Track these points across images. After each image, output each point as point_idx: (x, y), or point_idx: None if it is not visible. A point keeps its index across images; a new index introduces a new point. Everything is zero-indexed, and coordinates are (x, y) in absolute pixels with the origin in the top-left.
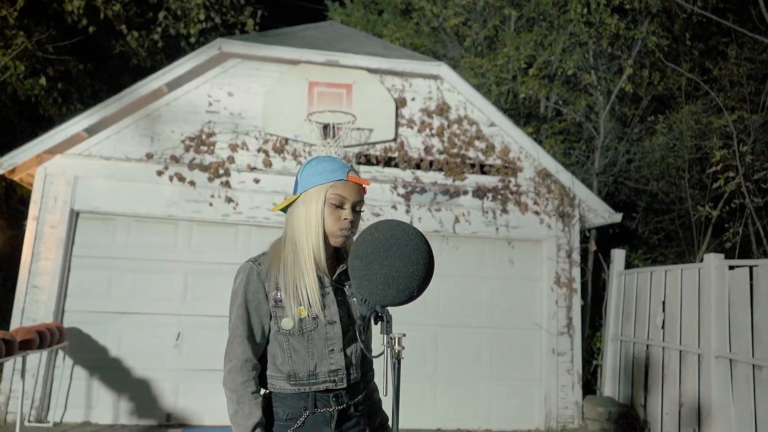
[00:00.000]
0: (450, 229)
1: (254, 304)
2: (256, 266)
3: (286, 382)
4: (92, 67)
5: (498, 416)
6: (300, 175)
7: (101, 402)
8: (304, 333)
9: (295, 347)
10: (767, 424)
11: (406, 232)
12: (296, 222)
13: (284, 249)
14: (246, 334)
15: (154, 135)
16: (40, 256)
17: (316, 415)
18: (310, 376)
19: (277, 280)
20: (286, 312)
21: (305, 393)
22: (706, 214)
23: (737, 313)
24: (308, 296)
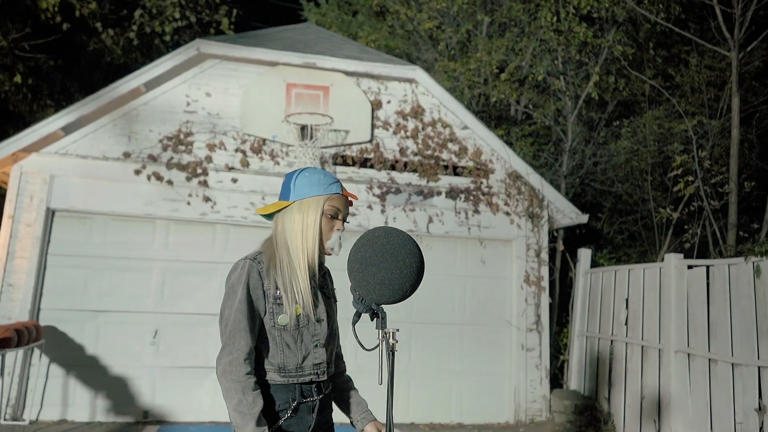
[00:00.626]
0: (424, 229)
1: (254, 298)
2: (256, 264)
3: (276, 373)
4: (63, 63)
5: (469, 410)
6: (293, 182)
7: (78, 400)
8: (299, 329)
9: (287, 342)
10: (722, 414)
11: (401, 238)
12: (292, 227)
13: (278, 251)
14: (248, 327)
15: (132, 134)
16: (16, 254)
17: (303, 407)
18: (297, 369)
19: (275, 279)
20: (283, 309)
21: (292, 384)
22: (667, 216)
23: (695, 310)
24: (303, 296)
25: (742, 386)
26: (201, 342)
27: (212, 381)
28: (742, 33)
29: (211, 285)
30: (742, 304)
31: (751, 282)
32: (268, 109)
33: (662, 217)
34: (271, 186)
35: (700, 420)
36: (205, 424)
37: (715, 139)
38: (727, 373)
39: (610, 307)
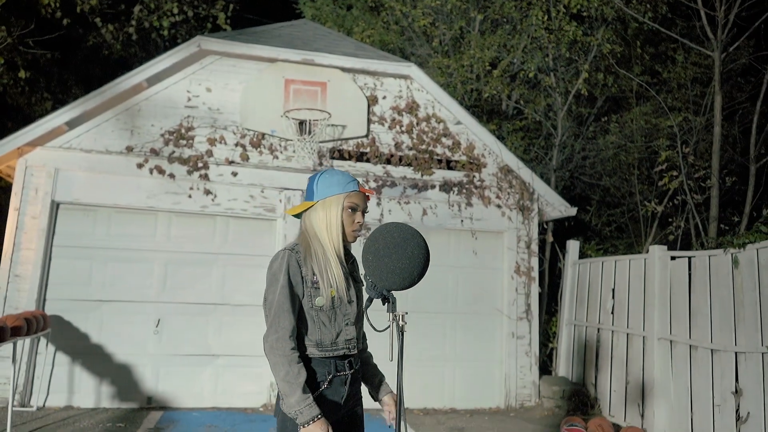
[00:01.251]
0: (418, 221)
1: (294, 283)
2: (294, 254)
3: (315, 348)
4: (61, 56)
5: (462, 396)
6: (315, 184)
7: (83, 387)
8: (334, 309)
9: (323, 320)
10: (701, 397)
11: (409, 233)
12: (318, 223)
13: (312, 243)
14: (290, 308)
15: (134, 128)
16: (22, 246)
17: (337, 379)
18: (332, 344)
19: (312, 266)
20: (320, 292)
21: (329, 358)
22: (651, 209)
23: (677, 299)
24: (336, 281)
25: (720, 371)
26: (202, 331)
27: (213, 368)
28: (725, 34)
29: (211, 275)
30: (721, 293)
31: (730, 272)
32: (267, 105)
33: (647, 211)
34: (270, 179)
35: (681, 403)
36: (207, 409)
37: (699, 134)
38: (706, 358)
39: (597, 297)
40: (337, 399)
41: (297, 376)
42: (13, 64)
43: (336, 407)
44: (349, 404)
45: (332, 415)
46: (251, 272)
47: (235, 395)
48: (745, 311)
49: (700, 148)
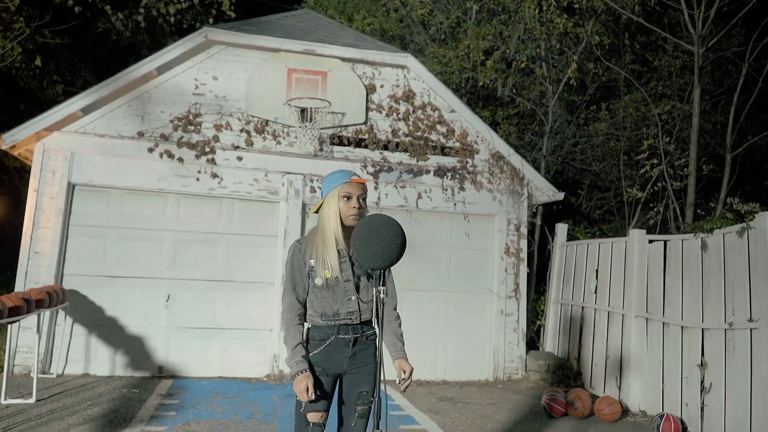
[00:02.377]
0: (414, 205)
1: (297, 269)
2: (299, 245)
3: (319, 318)
4: (71, 41)
5: (453, 369)
6: (323, 185)
7: (99, 356)
8: (329, 287)
9: (324, 296)
10: (671, 370)
11: (389, 223)
12: (324, 215)
13: (317, 235)
14: (293, 288)
15: (145, 115)
16: (40, 224)
17: (339, 339)
18: (334, 315)
19: (311, 254)
20: (317, 273)
21: (331, 325)
22: (633, 195)
23: (653, 279)
24: (330, 263)
25: (688, 346)
26: (210, 305)
27: (220, 341)
28: (705, 28)
29: (218, 254)
30: (692, 274)
31: (699, 255)
32: (271, 93)
33: (629, 196)
34: (274, 164)
35: (653, 376)
36: (214, 378)
37: (684, 122)
38: (677, 334)
39: (582, 277)
40: (341, 356)
41: (291, 338)
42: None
43: (340, 361)
44: (355, 360)
45: (337, 367)
46: (255, 251)
47: (240, 366)
48: (711, 291)
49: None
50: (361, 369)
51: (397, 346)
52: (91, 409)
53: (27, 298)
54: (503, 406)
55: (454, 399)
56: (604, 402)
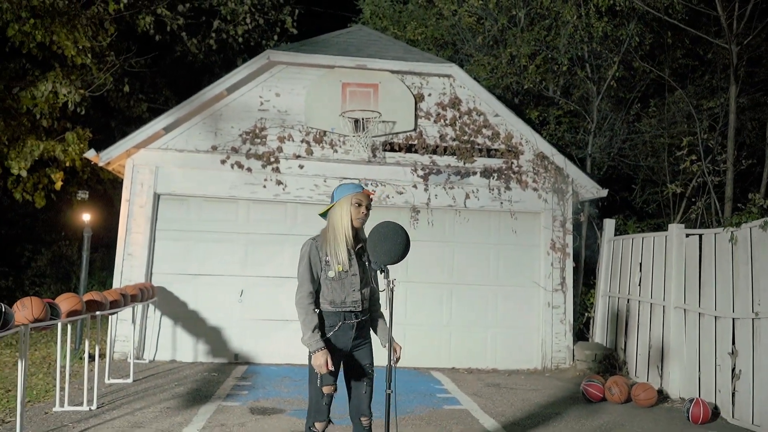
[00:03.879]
0: (461, 204)
1: (314, 262)
2: (314, 242)
3: (329, 305)
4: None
5: (503, 358)
6: (334, 192)
7: (183, 345)
8: (341, 279)
9: (335, 287)
10: (706, 359)
11: (396, 229)
12: (335, 217)
13: (329, 234)
14: (310, 278)
15: (218, 130)
16: (132, 230)
17: (345, 324)
18: (342, 303)
19: (326, 250)
20: (331, 267)
21: (338, 312)
22: (673, 190)
23: (690, 272)
24: (341, 259)
25: (721, 335)
26: (277, 300)
27: (288, 331)
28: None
29: (284, 253)
30: (723, 266)
31: (729, 248)
32: (327, 106)
33: (669, 192)
34: (331, 171)
35: (691, 364)
36: (282, 365)
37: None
38: (711, 324)
39: (628, 270)
40: (346, 338)
41: (309, 322)
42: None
43: (346, 342)
44: (358, 341)
45: (343, 347)
46: None
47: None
48: (740, 282)
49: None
50: (362, 347)
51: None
52: (178, 388)
53: (123, 294)
54: (545, 392)
55: (500, 385)
56: (639, 388)
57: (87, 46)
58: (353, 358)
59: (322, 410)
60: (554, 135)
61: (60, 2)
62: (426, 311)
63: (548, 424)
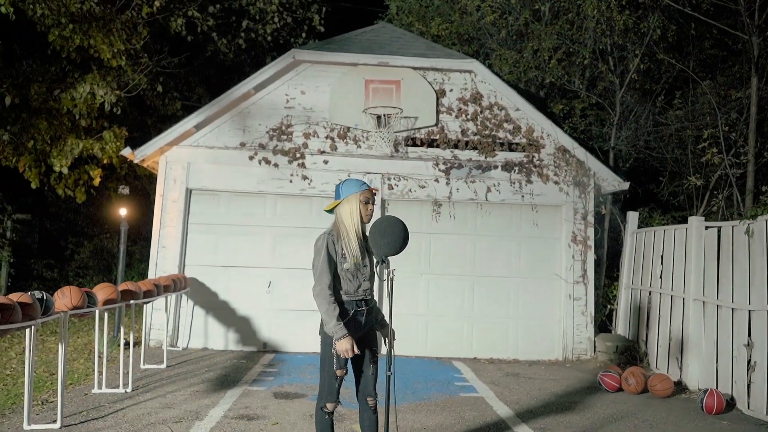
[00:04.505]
0: (483, 198)
1: (330, 255)
2: (330, 236)
3: (344, 295)
4: (185, 61)
5: (524, 349)
6: (340, 189)
7: (215, 333)
8: (356, 270)
9: (349, 278)
10: (724, 351)
11: (395, 222)
12: (345, 213)
13: (341, 228)
14: (328, 270)
15: (246, 128)
16: (166, 223)
17: (357, 311)
18: (354, 292)
19: (341, 244)
20: (346, 260)
21: (351, 300)
22: (694, 183)
23: (708, 264)
24: (355, 252)
25: (737, 327)
26: (305, 290)
27: (313, 321)
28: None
29: (310, 246)
30: (740, 259)
31: (746, 241)
32: (351, 102)
33: (690, 185)
34: (355, 165)
35: (709, 356)
36: (308, 354)
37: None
38: (728, 316)
39: (650, 263)
40: (357, 324)
41: (333, 311)
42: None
43: (358, 328)
44: (366, 327)
45: (355, 333)
46: None
47: None
48: (756, 275)
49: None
50: (370, 333)
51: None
52: (208, 373)
53: (157, 284)
54: (564, 382)
55: (519, 374)
56: (656, 379)
57: (122, 49)
58: (362, 343)
59: (334, 391)
60: (576, 128)
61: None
62: (448, 303)
63: (562, 412)
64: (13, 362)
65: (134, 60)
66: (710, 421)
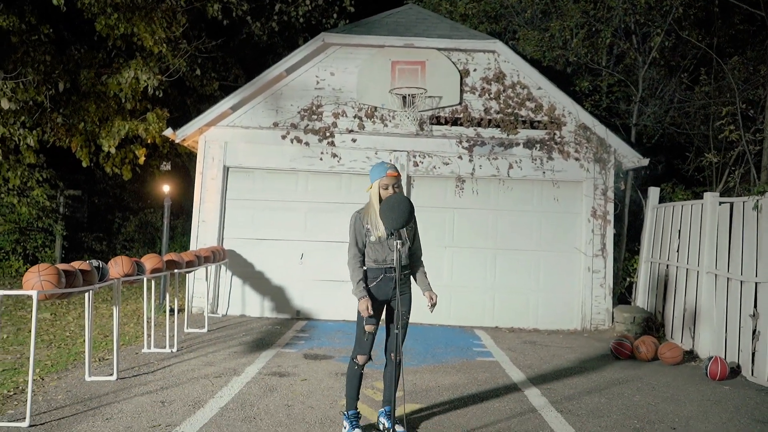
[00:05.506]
0: (505, 174)
1: (357, 231)
2: (358, 215)
3: (373, 263)
4: (222, 43)
5: (544, 319)
6: (371, 173)
7: (251, 301)
8: (380, 242)
9: (377, 248)
10: (733, 321)
11: (401, 200)
12: (372, 195)
13: (369, 208)
14: (356, 243)
15: (278, 108)
16: (205, 199)
17: (386, 277)
18: (383, 261)
19: (367, 220)
20: (371, 234)
21: (380, 267)
22: (710, 159)
23: (721, 238)
24: (379, 229)
25: (745, 298)
26: (334, 262)
27: (343, 291)
28: None
29: (339, 219)
30: (748, 233)
31: (755, 216)
32: (378, 83)
33: (706, 161)
34: (381, 144)
35: (720, 326)
36: (338, 321)
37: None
38: (737, 288)
39: (668, 237)
40: (387, 288)
41: (356, 276)
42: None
43: (387, 292)
44: (395, 291)
45: (384, 296)
46: None
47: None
48: (763, 248)
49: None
50: (401, 297)
51: (425, 282)
52: (245, 337)
53: (198, 255)
54: (579, 350)
55: (536, 342)
56: (666, 347)
57: (162, 37)
58: (393, 305)
59: (364, 345)
60: (599, 105)
61: None
62: (471, 275)
63: (570, 376)
64: (71, 326)
65: (174, 45)
66: (713, 386)
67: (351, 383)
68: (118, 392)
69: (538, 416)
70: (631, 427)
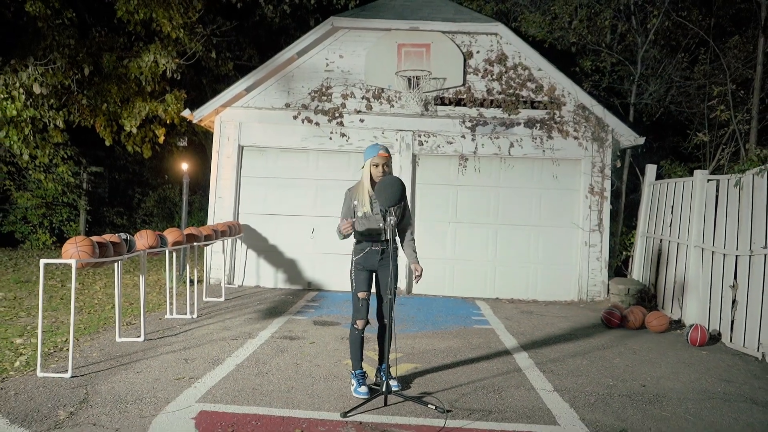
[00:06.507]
0: (506, 153)
1: (349, 205)
2: (349, 192)
3: (360, 235)
4: (236, 24)
5: (542, 291)
6: (365, 152)
7: (265, 273)
8: (367, 216)
9: (363, 222)
10: (716, 292)
11: (393, 181)
12: (364, 174)
13: (360, 184)
14: (347, 215)
15: (290, 90)
16: (221, 177)
17: (372, 250)
18: (370, 234)
19: (356, 197)
20: (359, 208)
21: (368, 240)
22: (700, 139)
23: (708, 214)
24: (365, 203)
25: (726, 270)
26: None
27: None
28: None
29: None
30: (731, 209)
31: (736, 193)
32: (385, 65)
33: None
34: (388, 124)
35: (704, 297)
36: (347, 292)
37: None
38: (720, 261)
39: (663, 212)
40: (374, 259)
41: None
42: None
43: (373, 262)
44: (382, 261)
45: (371, 266)
46: None
47: None
48: (742, 223)
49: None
50: (387, 267)
51: (413, 256)
52: (259, 306)
53: (215, 230)
54: (572, 319)
55: (532, 312)
56: (653, 315)
57: (180, 22)
58: (381, 274)
59: (360, 310)
60: (598, 85)
61: None
62: (473, 249)
63: (559, 342)
64: (99, 294)
65: (191, 30)
66: (692, 351)
67: (354, 346)
68: (146, 351)
69: (521, 375)
70: (604, 384)
